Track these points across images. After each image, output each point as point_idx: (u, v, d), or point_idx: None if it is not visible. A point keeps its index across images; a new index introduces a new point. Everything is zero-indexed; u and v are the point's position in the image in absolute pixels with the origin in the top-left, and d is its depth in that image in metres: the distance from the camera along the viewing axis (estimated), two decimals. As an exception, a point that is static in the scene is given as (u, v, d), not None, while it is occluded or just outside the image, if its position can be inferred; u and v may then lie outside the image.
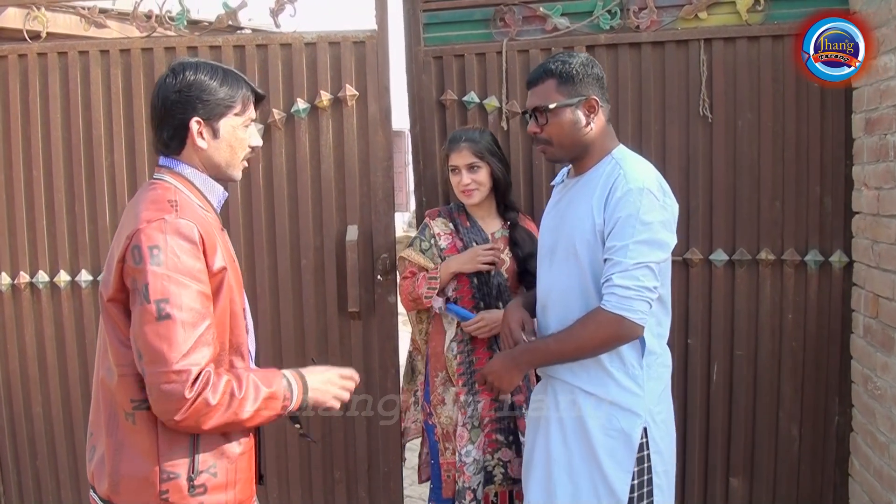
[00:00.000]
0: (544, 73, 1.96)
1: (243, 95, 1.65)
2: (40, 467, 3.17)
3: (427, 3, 3.01)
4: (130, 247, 1.46)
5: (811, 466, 2.92)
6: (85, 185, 3.08)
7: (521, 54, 2.96)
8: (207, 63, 1.64)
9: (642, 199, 1.81)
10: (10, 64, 3.08)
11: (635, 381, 1.89)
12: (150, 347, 1.42)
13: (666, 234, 1.85)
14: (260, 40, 3.03)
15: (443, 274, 2.59)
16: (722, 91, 2.88)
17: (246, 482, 1.62)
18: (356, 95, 2.99)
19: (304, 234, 3.03)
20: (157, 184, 1.60)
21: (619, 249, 1.81)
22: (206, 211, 1.62)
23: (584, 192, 1.94)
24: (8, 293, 3.12)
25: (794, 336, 2.89)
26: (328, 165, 3.03)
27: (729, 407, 2.94)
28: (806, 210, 2.87)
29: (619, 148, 1.99)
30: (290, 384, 1.59)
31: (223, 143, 1.63)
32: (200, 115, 1.59)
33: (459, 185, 2.59)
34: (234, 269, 1.61)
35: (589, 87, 1.93)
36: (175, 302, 1.42)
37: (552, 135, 1.95)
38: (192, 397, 1.41)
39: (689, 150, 2.90)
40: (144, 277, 1.43)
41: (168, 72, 1.63)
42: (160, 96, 1.60)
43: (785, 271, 2.88)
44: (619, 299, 1.79)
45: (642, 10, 2.90)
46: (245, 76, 1.69)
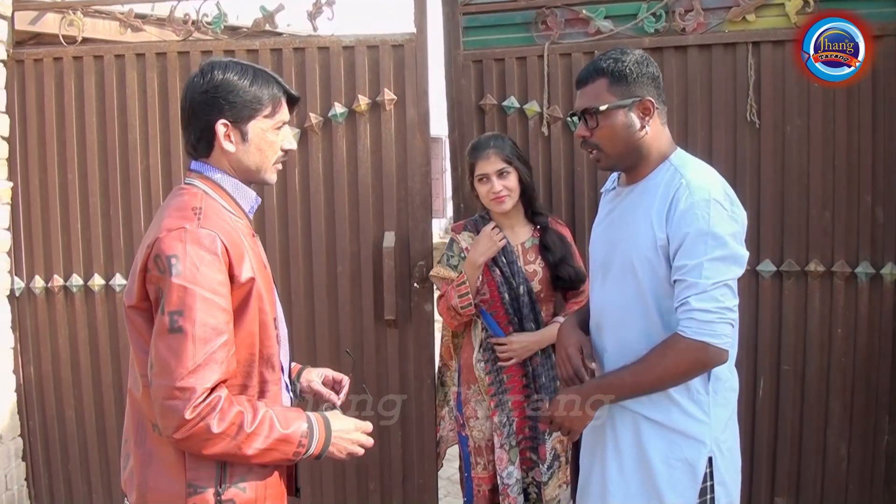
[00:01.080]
0: (595, 71, 1.80)
1: (274, 96, 1.57)
2: (72, 470, 3.17)
3: (467, 6, 2.96)
4: (152, 255, 1.41)
5: (859, 487, 2.82)
6: (120, 189, 3.07)
7: (564, 58, 2.90)
8: (238, 62, 1.57)
9: (710, 210, 1.66)
10: (46, 67, 3.08)
11: (701, 407, 1.76)
12: (159, 359, 1.37)
13: (739, 248, 1.71)
14: (297, 44, 3.00)
15: (468, 272, 2.51)
16: (770, 96, 2.79)
17: (276, 498, 1.55)
18: (394, 100, 2.95)
19: (341, 240, 2.99)
20: (185, 189, 1.54)
21: (693, 269, 1.66)
22: (238, 217, 1.56)
23: (640, 203, 1.80)
24: (42, 296, 3.12)
25: (843, 351, 2.79)
26: (365, 170, 2.98)
27: (775, 423, 2.85)
28: (857, 220, 2.77)
29: (677, 153, 1.83)
30: (311, 430, 1.50)
31: (252, 147, 1.56)
32: (227, 117, 1.52)
33: (490, 193, 2.50)
34: (264, 278, 1.55)
35: (643, 87, 1.77)
36: (189, 315, 1.37)
37: (603, 139, 1.80)
38: (193, 418, 1.35)
39: (735, 157, 2.82)
40: (163, 287, 1.39)
41: (197, 71, 1.57)
42: (187, 97, 1.55)
43: (834, 284, 2.78)
44: (699, 324, 1.64)
45: (688, 13, 2.82)
46: (278, 76, 1.61)
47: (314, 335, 3.02)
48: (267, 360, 1.53)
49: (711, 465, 1.75)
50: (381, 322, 2.99)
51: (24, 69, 3.08)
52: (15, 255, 3.11)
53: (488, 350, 2.56)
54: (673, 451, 1.75)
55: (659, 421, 1.77)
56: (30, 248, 3.12)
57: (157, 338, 1.38)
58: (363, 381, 2.92)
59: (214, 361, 1.38)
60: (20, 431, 3.15)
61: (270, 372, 1.54)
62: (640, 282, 1.77)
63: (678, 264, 1.70)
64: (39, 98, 3.09)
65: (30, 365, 3.14)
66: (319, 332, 3.02)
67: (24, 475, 3.16)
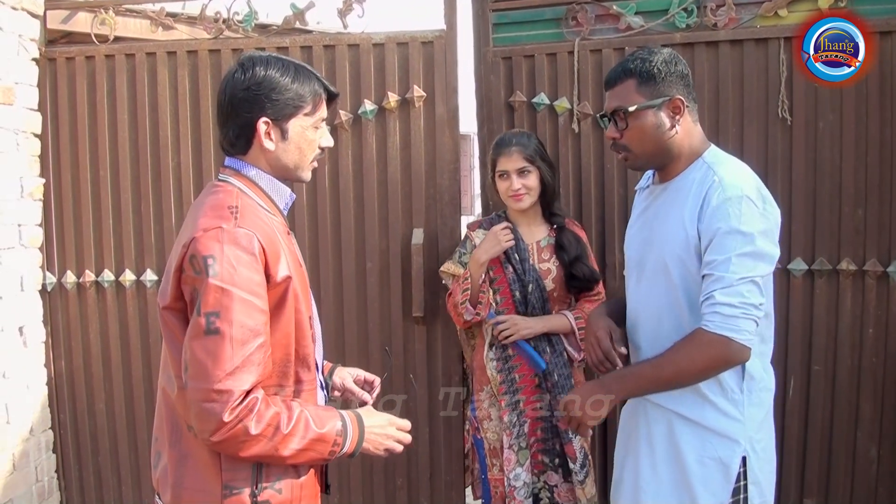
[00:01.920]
0: (623, 72, 1.79)
1: (315, 94, 1.54)
2: (102, 464, 3.21)
3: (496, 2, 2.96)
4: (187, 256, 1.39)
5: (890, 489, 2.78)
6: (151, 186, 3.10)
7: (594, 54, 2.89)
8: (279, 58, 1.54)
9: (741, 207, 1.65)
10: (78, 66, 3.11)
11: (736, 406, 1.74)
12: (195, 361, 1.35)
13: (769, 246, 1.70)
14: (328, 41, 3.01)
15: (472, 268, 2.50)
16: (802, 92, 2.77)
17: (311, 498, 1.54)
18: (424, 97, 2.96)
19: (370, 237, 3.00)
20: (220, 187, 1.52)
21: (721, 264, 1.65)
22: (273, 214, 1.54)
23: (674, 202, 1.80)
24: (73, 291, 3.15)
25: (874, 351, 2.76)
26: (395, 167, 2.99)
27: (805, 424, 2.83)
28: (889, 218, 2.74)
29: (710, 150, 1.82)
30: (345, 428, 1.49)
31: (291, 145, 1.53)
32: (269, 115, 1.49)
33: (509, 190, 2.50)
34: (300, 276, 1.53)
35: (673, 87, 1.76)
36: (226, 317, 1.34)
37: (633, 140, 1.79)
38: (232, 421, 1.34)
39: (767, 154, 2.80)
40: (200, 288, 1.36)
41: (237, 66, 1.53)
42: (227, 92, 1.51)
43: (867, 283, 2.75)
44: (723, 318, 1.63)
45: (720, 8, 2.81)
46: (317, 73, 1.59)
47: (343, 331, 3.04)
48: (303, 359, 1.52)
49: (745, 465, 1.74)
50: (409, 319, 3.00)
51: (56, 67, 3.12)
52: (47, 250, 3.15)
53: (500, 349, 2.55)
54: (706, 449, 1.74)
55: (693, 419, 1.76)
56: (61, 243, 3.16)
57: (192, 339, 1.36)
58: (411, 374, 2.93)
59: (251, 363, 1.36)
60: (51, 424, 3.19)
61: (306, 372, 1.53)
62: (673, 281, 1.77)
63: (707, 259, 1.69)
64: (71, 96, 3.12)
65: (61, 359, 3.18)
66: (348, 329, 3.03)
67: (55, 467, 3.20)
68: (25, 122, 3.03)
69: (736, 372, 1.74)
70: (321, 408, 1.53)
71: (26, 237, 3.05)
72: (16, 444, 2.96)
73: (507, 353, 2.54)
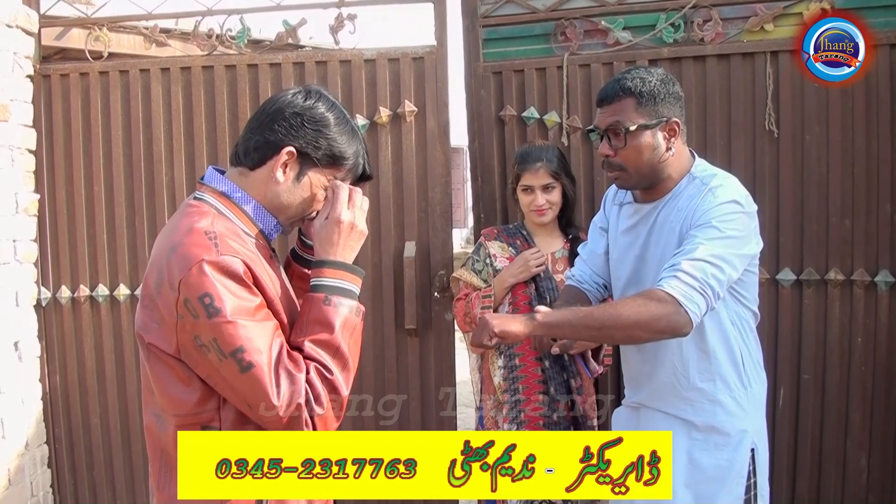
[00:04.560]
0: (621, 90, 1.76)
1: (352, 165, 1.45)
2: (97, 478, 3.21)
3: (486, 18, 2.99)
4: (180, 301, 1.28)
5: (880, 498, 2.80)
6: (145, 201, 3.12)
7: (583, 69, 2.93)
8: (343, 110, 1.45)
9: (728, 205, 1.70)
10: (72, 82, 3.13)
11: (739, 402, 1.79)
12: (251, 400, 1.30)
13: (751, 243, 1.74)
14: (319, 57, 3.04)
15: (497, 289, 2.54)
16: (789, 105, 2.80)
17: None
18: (415, 111, 2.99)
19: (362, 250, 2.94)
20: (195, 207, 1.39)
21: (693, 243, 1.65)
22: (254, 237, 1.42)
23: (671, 220, 1.81)
24: (68, 306, 3.17)
25: (863, 360, 2.78)
26: (387, 181, 3.02)
27: (795, 433, 2.85)
28: (876, 228, 2.77)
29: (697, 165, 1.83)
30: (342, 292, 1.39)
31: (299, 190, 1.43)
32: (299, 149, 1.39)
33: (532, 205, 2.53)
34: (286, 299, 1.44)
35: (671, 108, 1.76)
36: (250, 347, 1.28)
37: (628, 159, 1.77)
38: (309, 421, 1.31)
39: (755, 166, 2.83)
40: (210, 332, 1.28)
41: (302, 89, 1.45)
42: (276, 105, 1.41)
43: (854, 292, 2.78)
44: (681, 284, 1.59)
45: (707, 23, 2.84)
46: (365, 149, 1.50)
47: (336, 344, 3.05)
48: None
49: (754, 462, 1.78)
50: (401, 331, 3.02)
51: (51, 84, 3.14)
52: (42, 265, 3.17)
53: (507, 356, 2.56)
54: (720, 453, 1.76)
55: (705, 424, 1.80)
56: (56, 258, 3.17)
57: (233, 384, 1.30)
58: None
59: (285, 371, 1.31)
60: (46, 439, 3.19)
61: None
62: None
63: (687, 236, 1.70)
64: (66, 112, 3.14)
65: (56, 374, 3.19)
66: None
67: (50, 482, 3.21)
68: (20, 138, 3.05)
69: (735, 368, 1.78)
70: (307, 309, 1.39)
71: (21, 252, 3.07)
72: (11, 459, 2.97)
73: (514, 363, 2.54)
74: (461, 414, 3.32)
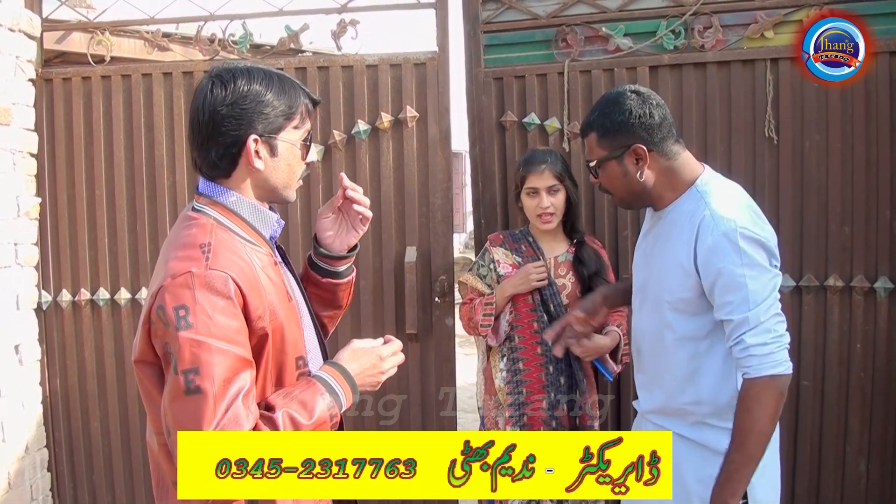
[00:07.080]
0: (586, 125, 1.86)
1: (302, 105, 1.44)
2: (97, 482, 3.21)
3: (488, 24, 3.01)
4: (155, 307, 1.27)
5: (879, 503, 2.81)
6: (147, 205, 3.13)
7: (584, 75, 2.94)
8: (259, 68, 1.40)
9: (738, 242, 1.65)
10: (74, 86, 3.15)
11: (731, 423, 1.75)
12: (178, 424, 1.23)
13: (774, 270, 1.71)
14: (321, 62, 3.06)
15: (498, 298, 2.54)
16: (788, 111, 2.82)
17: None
18: (416, 117, 3.00)
19: (364, 256, 3.03)
20: (194, 220, 1.38)
21: (739, 305, 1.64)
22: (257, 245, 1.42)
23: (669, 234, 1.80)
24: (69, 310, 3.17)
25: (862, 366, 2.79)
26: (388, 186, 3.03)
27: (794, 439, 2.85)
28: (875, 235, 2.78)
29: (703, 177, 1.80)
30: (335, 396, 1.39)
31: (281, 162, 1.42)
32: (258, 132, 1.37)
33: (537, 209, 2.52)
34: (288, 311, 1.42)
35: (633, 135, 1.76)
36: (206, 372, 1.22)
37: (609, 187, 1.86)
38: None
39: (755, 173, 2.84)
40: (172, 343, 1.24)
41: (213, 80, 1.38)
42: (206, 111, 1.36)
43: (854, 299, 2.79)
44: (759, 359, 1.63)
45: (707, 30, 2.86)
46: (299, 82, 1.48)
47: (336, 348, 3.04)
48: None
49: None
50: (402, 336, 3.01)
51: (53, 88, 3.15)
52: (42, 269, 3.18)
53: (511, 360, 2.57)
54: (706, 468, 1.74)
55: (692, 438, 1.79)
56: (57, 262, 3.18)
57: (172, 401, 1.24)
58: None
59: (238, 416, 1.25)
60: (46, 442, 3.19)
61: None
62: (668, 319, 1.80)
63: (722, 301, 1.68)
64: (68, 116, 3.16)
65: (56, 377, 3.19)
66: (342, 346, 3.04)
67: (50, 486, 3.21)
68: (22, 141, 3.06)
69: (730, 393, 1.75)
70: (302, 387, 1.39)
71: (22, 256, 3.08)
72: (11, 462, 2.97)
73: (518, 367, 2.55)
74: (461, 419, 3.33)
